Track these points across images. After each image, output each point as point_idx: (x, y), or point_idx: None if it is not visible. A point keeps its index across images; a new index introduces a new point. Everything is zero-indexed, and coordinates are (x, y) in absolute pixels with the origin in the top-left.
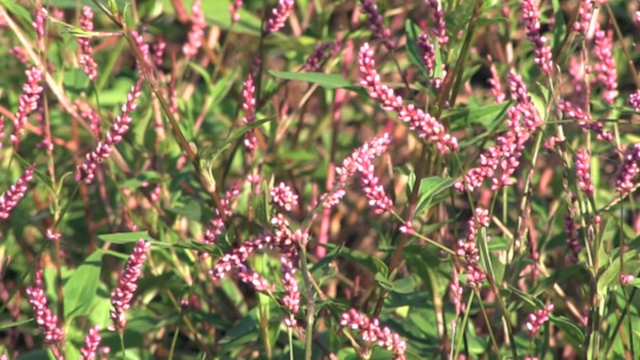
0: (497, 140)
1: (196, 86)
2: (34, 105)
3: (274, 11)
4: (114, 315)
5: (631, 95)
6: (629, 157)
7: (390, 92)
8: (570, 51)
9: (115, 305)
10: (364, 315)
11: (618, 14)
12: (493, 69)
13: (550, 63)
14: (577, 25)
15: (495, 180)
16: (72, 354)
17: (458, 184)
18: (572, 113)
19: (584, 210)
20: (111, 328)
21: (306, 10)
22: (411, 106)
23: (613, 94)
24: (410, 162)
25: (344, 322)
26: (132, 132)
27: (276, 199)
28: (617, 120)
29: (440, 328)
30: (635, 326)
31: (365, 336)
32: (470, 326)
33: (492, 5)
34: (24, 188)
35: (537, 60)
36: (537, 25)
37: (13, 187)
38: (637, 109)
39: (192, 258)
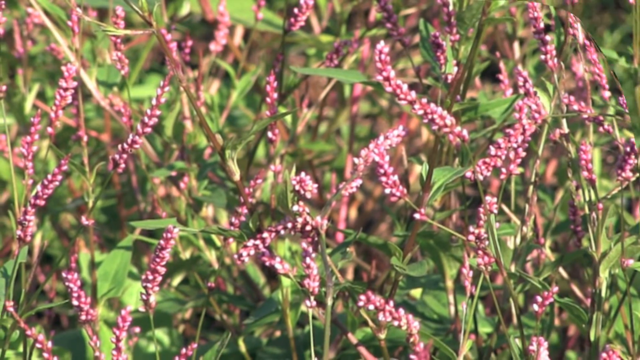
0: (505, 132)
1: (222, 81)
2: (69, 99)
3: (295, 10)
4: (144, 297)
5: (620, 98)
6: (628, 148)
7: (405, 87)
8: (570, 51)
9: (145, 287)
10: (380, 296)
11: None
12: (501, 65)
13: (555, 60)
14: (571, 30)
15: (503, 170)
16: (105, 334)
17: (469, 174)
18: (575, 107)
19: (587, 198)
20: (142, 309)
21: (325, 10)
22: (424, 100)
23: (607, 93)
24: (423, 152)
25: (361, 304)
26: (161, 124)
27: (297, 187)
28: (615, 115)
29: (452, 309)
30: (636, 307)
31: (381, 316)
32: (480, 307)
33: (500, 5)
34: (59, 177)
35: (542, 57)
36: (542, 25)
37: (49, 176)
38: (626, 110)
39: (218, 243)
